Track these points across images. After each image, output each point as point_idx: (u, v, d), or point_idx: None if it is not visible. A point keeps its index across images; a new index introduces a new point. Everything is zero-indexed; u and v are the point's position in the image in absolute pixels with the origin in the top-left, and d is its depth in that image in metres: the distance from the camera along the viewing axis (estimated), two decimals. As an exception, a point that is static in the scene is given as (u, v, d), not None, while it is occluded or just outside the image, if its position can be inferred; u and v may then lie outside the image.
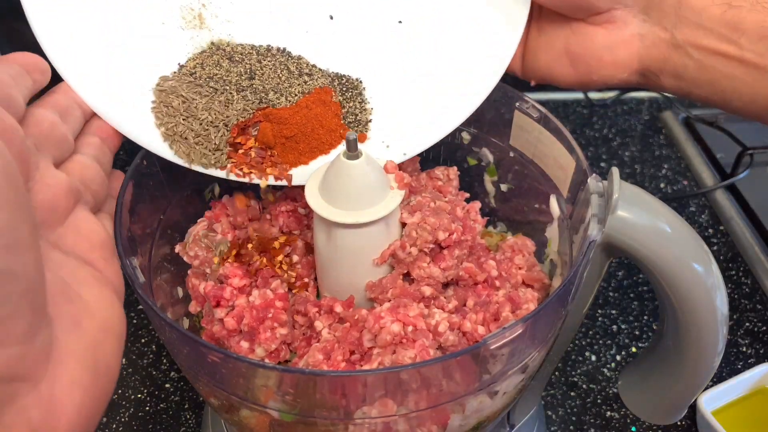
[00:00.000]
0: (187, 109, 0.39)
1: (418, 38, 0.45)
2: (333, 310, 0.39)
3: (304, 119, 0.41)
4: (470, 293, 0.42)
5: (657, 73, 0.43)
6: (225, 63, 0.41)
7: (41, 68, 0.34)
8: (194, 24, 0.42)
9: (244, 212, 0.45)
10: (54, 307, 0.28)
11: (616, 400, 0.55)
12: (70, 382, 0.27)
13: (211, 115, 0.39)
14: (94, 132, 0.38)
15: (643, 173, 0.79)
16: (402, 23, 0.45)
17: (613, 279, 0.65)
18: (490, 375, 0.35)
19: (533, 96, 0.45)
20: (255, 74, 0.41)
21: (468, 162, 0.51)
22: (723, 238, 0.70)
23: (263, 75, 0.41)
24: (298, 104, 0.41)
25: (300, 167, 0.41)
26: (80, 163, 0.35)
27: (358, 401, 0.34)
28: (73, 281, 0.30)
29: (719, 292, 0.39)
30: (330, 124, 0.42)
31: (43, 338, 0.26)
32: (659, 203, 0.39)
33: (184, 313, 0.44)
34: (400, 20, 0.45)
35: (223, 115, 0.39)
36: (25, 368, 0.25)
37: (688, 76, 0.42)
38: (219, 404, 0.39)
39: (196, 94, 0.39)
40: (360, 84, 0.44)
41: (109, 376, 0.30)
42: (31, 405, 0.26)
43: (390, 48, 0.45)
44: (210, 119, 0.39)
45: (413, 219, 0.40)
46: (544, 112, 0.44)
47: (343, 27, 0.45)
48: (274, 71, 0.42)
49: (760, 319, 0.62)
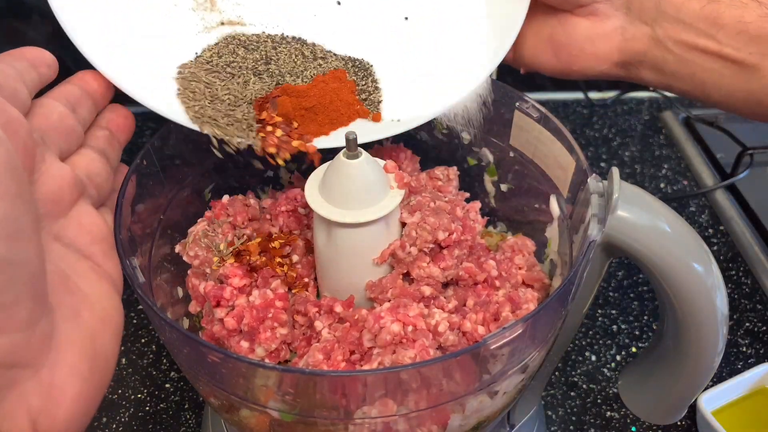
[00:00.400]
0: (211, 93, 0.41)
1: (422, 22, 0.47)
2: (333, 310, 0.39)
3: (322, 92, 0.42)
4: (470, 293, 0.42)
5: (637, 66, 0.44)
6: (241, 51, 0.43)
7: (47, 62, 0.35)
8: (205, 6, 0.44)
9: (244, 212, 0.45)
10: (54, 297, 0.28)
11: (616, 400, 0.55)
12: (70, 371, 0.28)
13: (232, 94, 0.40)
14: (104, 125, 0.38)
15: (643, 173, 0.79)
16: (407, 10, 0.48)
17: (613, 279, 0.65)
18: (490, 375, 0.35)
19: (533, 96, 0.45)
20: (271, 60, 0.43)
21: (468, 162, 0.51)
22: (723, 238, 0.70)
23: (279, 60, 0.43)
24: (315, 80, 0.43)
25: (321, 138, 0.42)
26: (87, 156, 0.35)
27: (358, 401, 0.34)
28: (72, 273, 0.31)
29: (719, 292, 0.39)
30: (347, 98, 0.43)
31: (44, 326, 0.27)
32: (659, 203, 0.39)
33: (184, 313, 0.44)
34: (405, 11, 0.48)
35: (242, 95, 0.41)
36: (26, 355, 0.26)
37: (668, 69, 0.43)
38: (219, 404, 0.39)
39: (216, 77, 0.41)
40: (371, 67, 0.46)
41: (106, 366, 0.31)
42: (31, 391, 0.26)
43: (396, 31, 0.47)
44: (231, 100, 0.40)
45: (413, 219, 0.40)
46: (544, 112, 0.44)
47: (350, 12, 0.47)
48: (289, 56, 0.43)
49: (760, 319, 0.62)
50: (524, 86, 0.89)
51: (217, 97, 0.40)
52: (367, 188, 0.38)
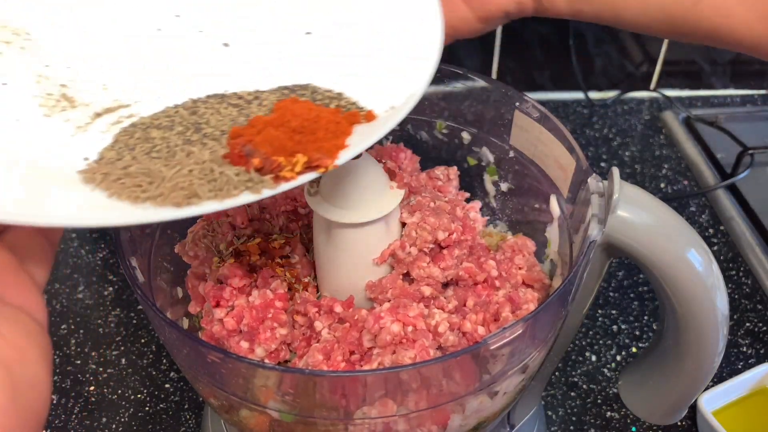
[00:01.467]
0: (163, 173, 0.30)
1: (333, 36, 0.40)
2: (333, 310, 0.39)
3: (296, 111, 0.34)
4: (470, 293, 0.42)
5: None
6: (155, 133, 0.33)
7: None
8: (62, 106, 0.35)
9: (243, 212, 0.45)
10: None
11: (616, 401, 0.55)
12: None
13: (196, 163, 0.31)
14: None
15: (643, 173, 0.79)
16: (310, 33, 0.40)
17: (613, 279, 0.65)
18: (490, 375, 0.35)
19: (533, 96, 0.45)
20: (200, 125, 0.33)
21: (468, 162, 0.51)
22: (723, 238, 0.70)
23: (209, 122, 0.33)
24: (276, 107, 0.34)
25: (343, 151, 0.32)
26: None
27: (358, 401, 0.34)
28: None
29: (719, 292, 0.39)
30: (326, 110, 0.35)
31: None
32: (659, 203, 0.39)
33: (184, 313, 0.44)
34: (308, 31, 0.40)
35: (201, 160, 0.31)
36: None
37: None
38: (219, 404, 0.39)
39: (148, 159, 0.31)
40: (310, 84, 0.37)
41: (34, 395, 0.27)
42: None
43: (309, 41, 0.39)
44: (196, 167, 0.30)
45: (413, 219, 0.40)
46: (544, 112, 0.44)
47: (251, 45, 0.39)
48: (217, 113, 0.34)
49: (760, 319, 0.61)
50: (524, 86, 0.89)
51: (169, 176, 0.30)
52: (367, 188, 0.38)
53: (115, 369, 0.57)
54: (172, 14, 0.39)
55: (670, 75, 0.91)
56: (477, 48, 0.85)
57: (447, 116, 0.50)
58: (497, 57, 0.86)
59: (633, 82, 0.91)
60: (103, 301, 0.62)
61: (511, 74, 0.88)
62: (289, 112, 0.34)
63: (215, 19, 0.40)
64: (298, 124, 0.33)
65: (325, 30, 0.40)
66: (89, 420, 0.53)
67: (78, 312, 0.62)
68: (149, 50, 0.38)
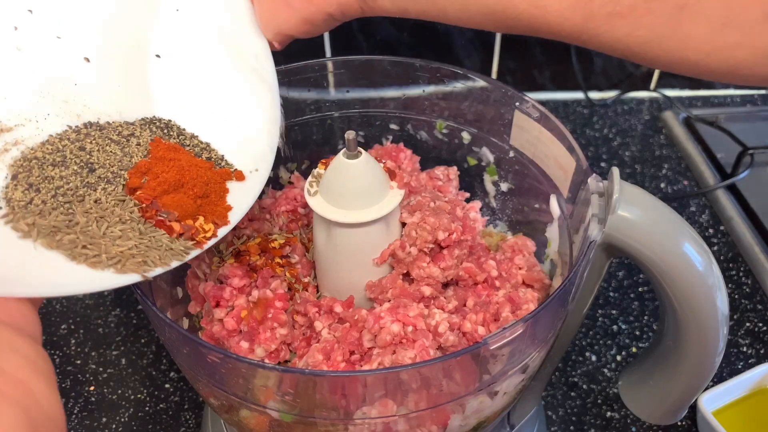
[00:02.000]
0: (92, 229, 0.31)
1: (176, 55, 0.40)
2: (333, 310, 0.39)
3: (179, 168, 0.35)
4: (470, 293, 0.42)
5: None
6: (53, 171, 0.33)
7: None
8: None
9: (243, 212, 0.45)
10: None
11: (617, 401, 0.55)
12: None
13: (113, 224, 0.32)
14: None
15: (643, 173, 0.79)
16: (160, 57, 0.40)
17: (613, 279, 0.65)
18: (490, 375, 0.35)
19: (533, 96, 0.45)
20: (93, 165, 0.34)
21: (468, 162, 0.51)
22: (723, 238, 0.70)
23: (99, 160, 0.34)
24: (153, 149, 0.35)
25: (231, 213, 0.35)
26: None
27: (358, 401, 0.34)
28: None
29: (720, 292, 0.39)
30: (204, 167, 0.36)
31: None
32: (659, 203, 0.39)
33: (184, 313, 0.44)
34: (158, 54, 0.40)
35: (122, 219, 0.32)
36: None
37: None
38: (219, 404, 0.39)
39: (64, 210, 0.32)
40: (173, 123, 0.38)
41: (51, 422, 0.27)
42: None
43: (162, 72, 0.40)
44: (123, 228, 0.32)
45: (413, 219, 0.40)
46: (544, 112, 0.44)
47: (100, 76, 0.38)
48: (103, 150, 0.35)
49: (760, 319, 0.61)
50: (524, 86, 0.89)
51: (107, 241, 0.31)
52: (367, 188, 0.38)
53: (115, 369, 0.57)
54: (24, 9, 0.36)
55: (670, 75, 0.91)
56: (477, 48, 0.85)
57: (447, 116, 0.50)
58: (497, 57, 0.86)
59: (633, 82, 0.91)
60: (103, 301, 0.62)
61: (511, 74, 0.88)
62: (175, 165, 0.35)
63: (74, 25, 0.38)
64: (200, 190, 0.35)
65: (176, 59, 0.40)
66: (89, 420, 0.53)
67: (78, 312, 0.62)
68: (10, 58, 0.35)
